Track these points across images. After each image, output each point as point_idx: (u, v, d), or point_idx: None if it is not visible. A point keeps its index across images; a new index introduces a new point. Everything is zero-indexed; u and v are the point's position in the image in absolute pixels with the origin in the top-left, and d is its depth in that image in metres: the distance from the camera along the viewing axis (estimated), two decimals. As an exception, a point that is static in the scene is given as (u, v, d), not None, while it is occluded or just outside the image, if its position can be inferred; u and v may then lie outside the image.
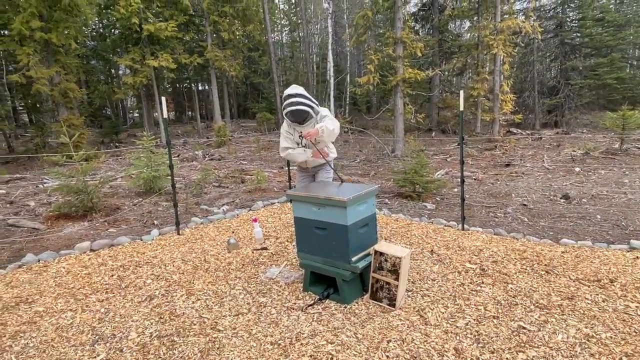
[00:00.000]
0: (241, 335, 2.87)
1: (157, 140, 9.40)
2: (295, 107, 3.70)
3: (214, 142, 17.02)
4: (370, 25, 14.23)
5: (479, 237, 4.79)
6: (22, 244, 5.15)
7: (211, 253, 4.57)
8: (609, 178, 8.05)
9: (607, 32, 18.57)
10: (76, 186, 6.09)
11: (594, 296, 3.19)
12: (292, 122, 3.89)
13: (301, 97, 3.74)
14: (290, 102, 3.72)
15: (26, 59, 12.65)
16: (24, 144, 17.19)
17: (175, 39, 17.84)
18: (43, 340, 2.91)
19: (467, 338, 2.71)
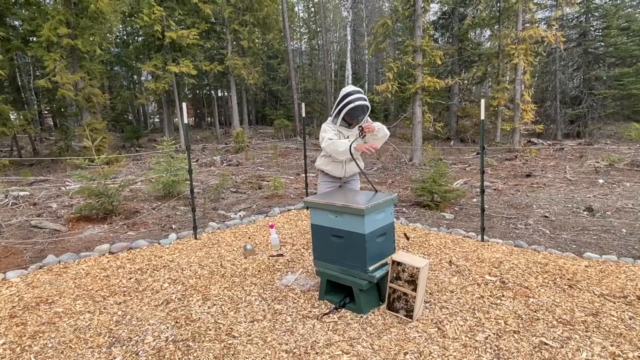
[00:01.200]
0: (256, 342, 2.85)
1: (177, 145, 9.53)
2: (363, 102, 3.59)
3: (232, 147, 17.18)
4: (389, 34, 14.22)
5: (499, 248, 4.69)
6: (44, 245, 5.26)
7: (227, 258, 4.58)
8: (635, 191, 7.82)
9: (632, 42, 18.15)
10: (97, 189, 6.20)
11: (620, 313, 3.08)
12: (352, 117, 3.76)
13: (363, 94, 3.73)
14: (358, 96, 3.61)
15: (53, 64, 13.03)
16: (48, 147, 17.67)
17: (197, 46, 18.14)
18: (61, 341, 2.95)
19: (487, 353, 2.64)
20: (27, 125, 14.62)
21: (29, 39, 15.23)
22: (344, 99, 3.66)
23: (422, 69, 12.61)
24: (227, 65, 19.58)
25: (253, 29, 20.64)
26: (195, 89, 29.02)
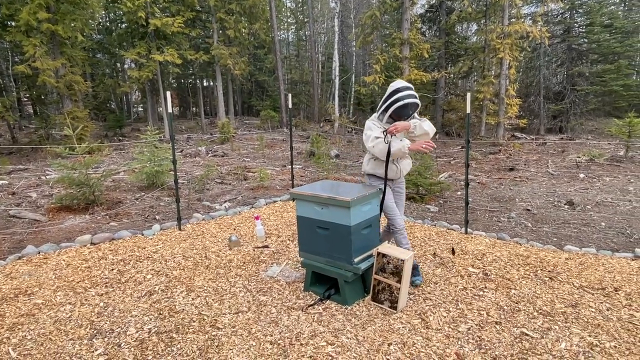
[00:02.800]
0: (240, 333, 2.84)
1: (161, 135, 9.39)
2: (414, 99, 3.27)
3: (217, 138, 16.99)
4: (377, 26, 14.19)
5: (482, 241, 4.76)
6: (23, 235, 5.14)
7: (212, 250, 4.55)
8: (614, 185, 7.99)
9: (614, 39, 18.44)
10: (78, 179, 6.07)
11: (598, 304, 3.15)
12: (400, 116, 3.37)
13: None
14: (408, 93, 3.28)
15: (32, 50, 12.66)
16: (27, 135, 17.24)
17: (182, 34, 17.81)
18: (41, 333, 2.89)
19: (469, 343, 2.67)
20: (5, 113, 14.21)
21: (7, 23, 14.75)
22: (393, 95, 3.30)
23: (409, 62, 12.63)
24: (213, 54, 19.29)
25: (239, 18, 20.33)
26: (180, 78, 28.59)
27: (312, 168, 10.55)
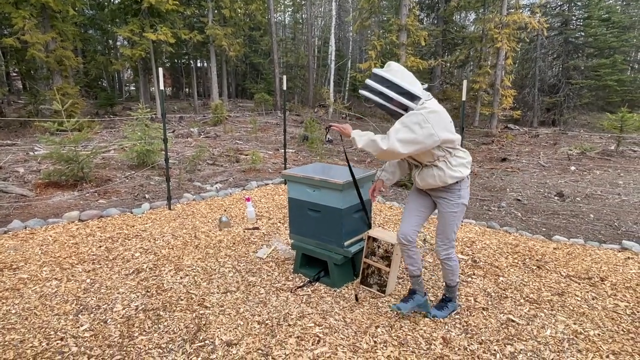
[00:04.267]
0: (228, 313, 2.83)
1: (153, 113, 9.24)
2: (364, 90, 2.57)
3: (210, 120, 16.81)
4: (375, 10, 14.02)
5: (472, 229, 4.78)
6: (9, 210, 5.06)
7: (202, 230, 4.52)
8: (604, 179, 8.06)
9: (611, 33, 18.42)
10: (67, 155, 5.97)
11: (584, 293, 3.19)
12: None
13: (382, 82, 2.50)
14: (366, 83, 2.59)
15: (22, 22, 12.32)
16: (16, 110, 16.91)
17: (176, 12, 17.43)
18: (26, 307, 2.86)
19: (456, 328, 2.69)
20: (-7, 86, 13.90)
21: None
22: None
23: (405, 49, 12.53)
24: (208, 34, 18.97)
25: (235, -2, 19.98)
26: (174, 57, 28.08)
27: (305, 152, 10.50)
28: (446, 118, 2.48)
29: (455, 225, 2.69)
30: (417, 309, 2.79)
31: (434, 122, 2.38)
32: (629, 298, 3.11)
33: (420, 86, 2.52)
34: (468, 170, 2.62)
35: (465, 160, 2.61)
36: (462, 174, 2.57)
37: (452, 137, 2.48)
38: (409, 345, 2.50)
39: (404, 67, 2.65)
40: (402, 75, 2.49)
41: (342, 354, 2.40)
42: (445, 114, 2.50)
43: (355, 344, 2.50)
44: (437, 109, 2.46)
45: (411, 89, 2.45)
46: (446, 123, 2.47)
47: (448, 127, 2.47)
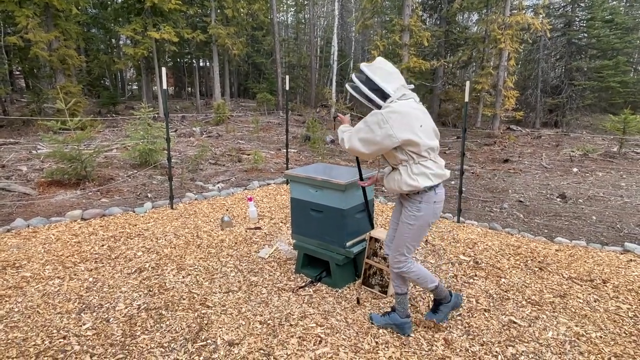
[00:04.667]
0: (230, 312, 2.84)
1: (155, 113, 9.26)
2: (348, 85, 2.55)
3: (212, 119, 16.84)
4: (377, 10, 14.02)
5: (474, 230, 4.77)
6: (12, 209, 5.08)
7: (204, 229, 4.52)
8: (606, 180, 8.04)
9: (614, 35, 18.38)
10: (70, 153, 5.99)
11: (586, 295, 3.18)
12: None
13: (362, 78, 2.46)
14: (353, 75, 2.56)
15: (25, 21, 12.35)
16: (19, 109, 16.96)
17: (179, 11, 17.46)
18: (28, 305, 2.87)
19: (458, 329, 2.69)
20: (-4, 85, 13.95)
21: (-1, -8, 14.36)
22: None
23: (408, 49, 12.52)
24: (210, 33, 18.99)
25: (238, -2, 19.99)
26: (176, 57, 28.12)
27: (307, 152, 10.51)
28: (411, 120, 2.29)
29: (408, 239, 2.48)
30: (393, 327, 2.63)
31: (394, 122, 2.26)
32: (631, 300, 3.11)
33: (397, 85, 2.38)
34: (430, 182, 2.35)
35: (430, 171, 2.36)
36: (419, 184, 2.34)
37: (416, 139, 2.29)
38: (411, 346, 2.50)
39: (395, 65, 2.57)
40: (379, 72, 2.40)
41: (343, 355, 2.40)
42: (411, 116, 2.30)
43: (356, 344, 2.51)
44: (401, 110, 2.29)
45: (383, 86, 2.35)
46: (409, 125, 2.28)
47: (413, 130, 2.28)
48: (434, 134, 2.44)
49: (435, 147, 2.41)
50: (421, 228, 2.47)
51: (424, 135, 2.33)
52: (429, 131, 2.38)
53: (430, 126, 2.42)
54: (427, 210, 2.42)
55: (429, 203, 2.41)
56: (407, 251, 2.51)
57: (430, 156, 2.38)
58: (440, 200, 2.47)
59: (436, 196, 2.43)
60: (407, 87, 2.45)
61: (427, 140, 2.34)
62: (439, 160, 2.46)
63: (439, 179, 2.41)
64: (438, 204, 2.46)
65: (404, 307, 2.63)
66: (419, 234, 2.49)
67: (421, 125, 2.33)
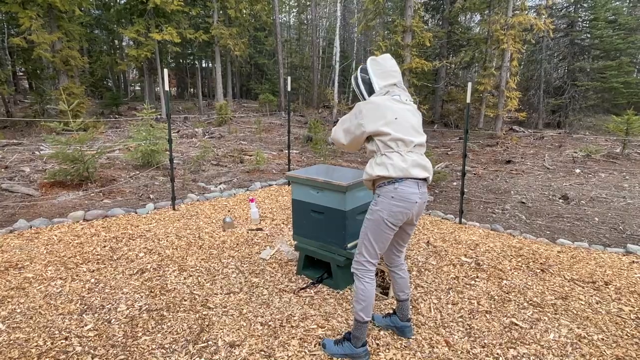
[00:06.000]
0: (232, 314, 2.84)
1: (158, 114, 9.28)
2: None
3: (214, 120, 16.87)
4: (380, 11, 14.01)
5: (476, 231, 4.77)
6: (15, 209, 5.10)
7: (206, 230, 4.53)
8: (609, 181, 8.01)
9: (617, 35, 18.31)
10: (72, 154, 6.01)
11: (588, 297, 3.17)
12: None
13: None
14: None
15: (28, 22, 12.42)
16: (22, 110, 17.02)
17: (181, 12, 17.52)
18: (31, 306, 2.88)
19: (459, 331, 2.69)
20: (0, 86, 14.01)
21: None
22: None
23: (410, 50, 12.51)
24: (213, 34, 19.03)
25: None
26: (179, 58, 28.23)
27: (309, 153, 10.51)
28: (384, 111, 2.26)
29: (364, 236, 2.35)
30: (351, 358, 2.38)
31: (367, 113, 2.28)
32: (633, 302, 3.10)
33: (388, 83, 2.40)
34: (384, 172, 2.23)
35: (390, 162, 2.23)
36: (373, 172, 2.28)
37: (384, 130, 2.23)
38: (412, 348, 2.50)
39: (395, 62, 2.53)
40: (376, 67, 2.44)
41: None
42: (385, 107, 2.27)
43: (357, 346, 2.50)
44: (377, 101, 2.30)
45: (374, 81, 2.40)
46: (381, 116, 2.25)
47: (384, 120, 2.24)
48: (412, 130, 2.30)
49: (406, 141, 2.26)
50: (377, 226, 2.28)
51: (396, 127, 2.25)
52: (405, 125, 2.27)
53: (410, 122, 2.31)
54: (383, 206, 2.25)
55: (386, 198, 2.25)
56: (365, 252, 2.35)
57: (397, 148, 2.25)
58: (400, 198, 2.23)
59: (395, 192, 2.23)
60: (401, 87, 2.43)
61: (397, 133, 2.24)
62: (409, 156, 2.26)
63: (400, 172, 2.21)
64: (397, 201, 2.23)
65: (363, 335, 2.37)
66: (374, 232, 2.30)
67: (396, 117, 2.26)
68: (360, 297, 2.33)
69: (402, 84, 2.47)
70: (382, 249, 2.36)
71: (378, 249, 2.33)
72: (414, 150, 2.31)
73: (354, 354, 2.35)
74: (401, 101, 2.36)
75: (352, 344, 2.36)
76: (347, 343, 2.39)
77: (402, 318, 2.61)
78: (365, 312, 2.32)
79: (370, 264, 2.36)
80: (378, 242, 2.32)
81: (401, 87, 2.44)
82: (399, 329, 2.61)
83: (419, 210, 2.34)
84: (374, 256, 2.35)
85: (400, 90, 2.43)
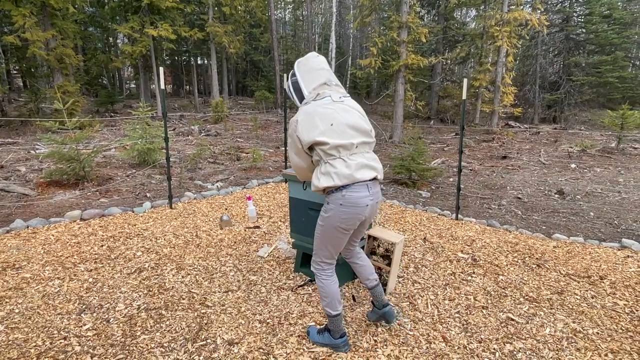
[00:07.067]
0: (230, 312, 2.85)
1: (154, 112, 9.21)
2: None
3: (210, 117, 16.82)
4: (375, 7, 13.98)
5: (472, 227, 4.79)
6: (11, 209, 5.08)
7: (203, 229, 4.54)
8: (604, 176, 8.06)
9: (612, 30, 18.36)
10: (68, 154, 5.99)
11: (584, 292, 3.21)
12: None
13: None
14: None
15: (22, 20, 12.32)
16: (17, 108, 16.90)
17: (176, 9, 17.43)
18: (29, 306, 2.88)
19: (456, 327, 2.71)
20: (-6, 84, 13.91)
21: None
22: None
23: (406, 46, 12.50)
24: (208, 31, 18.95)
25: (236, -5, 19.93)
26: (174, 55, 28.07)
27: (305, 150, 10.49)
28: (316, 120, 2.23)
29: (318, 240, 2.38)
30: (333, 349, 2.44)
31: (301, 124, 2.26)
32: (628, 297, 3.13)
33: (316, 84, 2.35)
34: (330, 182, 2.20)
35: (334, 170, 2.20)
36: (319, 183, 2.25)
37: (321, 139, 2.20)
38: (409, 344, 2.52)
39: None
40: (303, 69, 2.40)
41: (342, 353, 2.42)
42: (318, 115, 2.24)
43: (355, 342, 2.52)
44: (308, 111, 2.27)
45: (302, 86, 2.37)
46: (314, 126, 2.23)
47: (319, 129, 2.21)
48: (350, 131, 2.25)
49: (346, 145, 2.22)
50: (329, 231, 2.30)
51: (333, 134, 2.21)
52: (342, 129, 2.22)
53: (346, 123, 2.25)
54: (333, 212, 2.25)
55: (335, 205, 2.24)
56: (321, 254, 2.38)
57: (339, 155, 2.22)
58: (349, 205, 2.21)
59: (343, 199, 2.21)
60: (331, 84, 2.37)
61: (335, 139, 2.20)
62: (353, 159, 2.24)
63: (345, 179, 2.19)
64: (346, 207, 2.22)
65: (338, 327, 2.42)
66: (327, 237, 2.32)
67: (332, 124, 2.22)
68: (323, 293, 2.40)
69: (333, 80, 2.40)
70: (338, 250, 2.40)
71: (334, 252, 2.38)
72: (357, 151, 2.27)
73: (332, 344, 2.43)
74: (333, 102, 2.30)
75: (331, 336, 2.44)
76: (327, 334, 2.46)
77: (379, 305, 2.58)
78: (332, 307, 2.38)
79: (326, 264, 2.42)
80: (333, 245, 2.35)
81: (332, 84, 2.38)
82: (382, 316, 2.60)
83: (372, 211, 2.33)
84: (330, 257, 2.40)
85: (332, 88, 2.36)
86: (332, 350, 2.43)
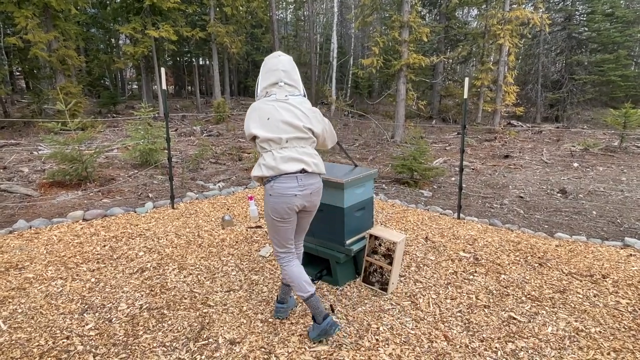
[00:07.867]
0: (232, 311, 2.86)
1: (156, 113, 9.25)
2: None
3: (212, 118, 16.85)
4: (377, 7, 13.98)
5: (474, 226, 4.79)
6: (14, 210, 5.10)
7: (205, 229, 4.54)
8: (607, 175, 8.04)
9: (615, 28, 18.30)
10: (71, 154, 6.01)
11: (586, 291, 3.20)
12: None
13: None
14: None
15: (24, 21, 12.36)
16: (20, 110, 16.98)
17: (178, 10, 17.47)
18: (32, 306, 2.89)
19: (457, 326, 2.71)
20: (-4, 86, 13.96)
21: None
22: None
23: (407, 46, 12.49)
24: (210, 32, 18.98)
25: (237, -4, 19.95)
26: (176, 56, 28.12)
27: (307, 150, 10.49)
28: (256, 115, 2.41)
29: (268, 229, 2.55)
30: (323, 336, 2.50)
31: (246, 119, 2.46)
32: (630, 295, 3.12)
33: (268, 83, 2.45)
34: (259, 172, 2.40)
35: (264, 162, 2.38)
36: (253, 172, 2.47)
37: (257, 132, 2.37)
38: (411, 342, 2.52)
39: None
40: (264, 66, 2.52)
41: (344, 352, 2.42)
42: (260, 111, 2.40)
43: (357, 341, 2.52)
44: (254, 106, 2.46)
45: (258, 84, 2.52)
46: (255, 120, 2.40)
47: (258, 123, 2.38)
48: (284, 126, 2.36)
49: (275, 139, 2.35)
50: (268, 221, 2.49)
51: (267, 128, 2.36)
52: (275, 124, 2.35)
53: (281, 120, 2.36)
54: (267, 202, 2.45)
55: (267, 195, 2.44)
56: (274, 244, 2.57)
57: (270, 148, 2.38)
58: (277, 195, 2.37)
59: (271, 189, 2.38)
60: (284, 83, 2.44)
61: (266, 133, 2.36)
62: (281, 153, 2.37)
63: (271, 171, 2.35)
64: (275, 197, 2.38)
65: (317, 309, 2.47)
66: (269, 227, 2.51)
67: (268, 118, 2.37)
68: (288, 279, 2.55)
69: (285, 80, 2.45)
70: (285, 239, 2.54)
71: (282, 240, 2.54)
72: (289, 145, 2.39)
73: (321, 330, 2.48)
74: (277, 100, 2.42)
75: (317, 323, 2.50)
76: (315, 324, 2.53)
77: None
78: (301, 289, 2.48)
79: (282, 252, 2.57)
80: (277, 234, 2.52)
81: (283, 83, 2.44)
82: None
83: (306, 200, 2.45)
84: (281, 245, 2.56)
85: (282, 87, 2.44)
86: (333, 349, 2.44)
